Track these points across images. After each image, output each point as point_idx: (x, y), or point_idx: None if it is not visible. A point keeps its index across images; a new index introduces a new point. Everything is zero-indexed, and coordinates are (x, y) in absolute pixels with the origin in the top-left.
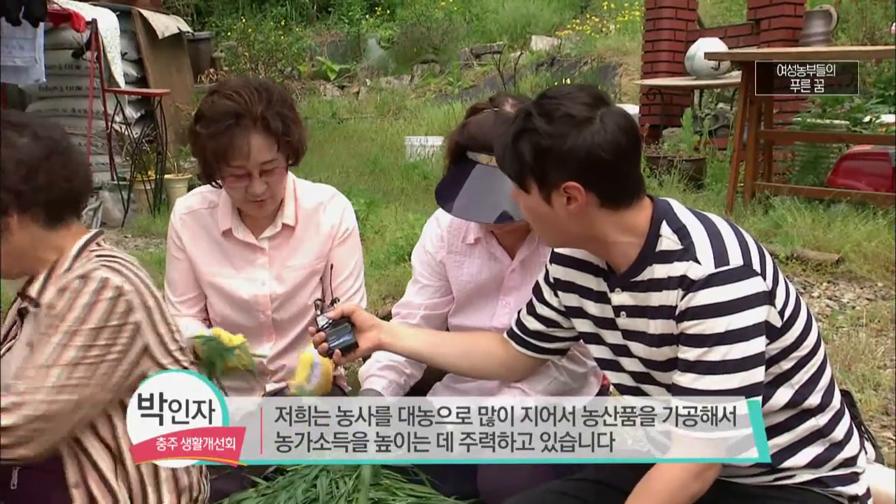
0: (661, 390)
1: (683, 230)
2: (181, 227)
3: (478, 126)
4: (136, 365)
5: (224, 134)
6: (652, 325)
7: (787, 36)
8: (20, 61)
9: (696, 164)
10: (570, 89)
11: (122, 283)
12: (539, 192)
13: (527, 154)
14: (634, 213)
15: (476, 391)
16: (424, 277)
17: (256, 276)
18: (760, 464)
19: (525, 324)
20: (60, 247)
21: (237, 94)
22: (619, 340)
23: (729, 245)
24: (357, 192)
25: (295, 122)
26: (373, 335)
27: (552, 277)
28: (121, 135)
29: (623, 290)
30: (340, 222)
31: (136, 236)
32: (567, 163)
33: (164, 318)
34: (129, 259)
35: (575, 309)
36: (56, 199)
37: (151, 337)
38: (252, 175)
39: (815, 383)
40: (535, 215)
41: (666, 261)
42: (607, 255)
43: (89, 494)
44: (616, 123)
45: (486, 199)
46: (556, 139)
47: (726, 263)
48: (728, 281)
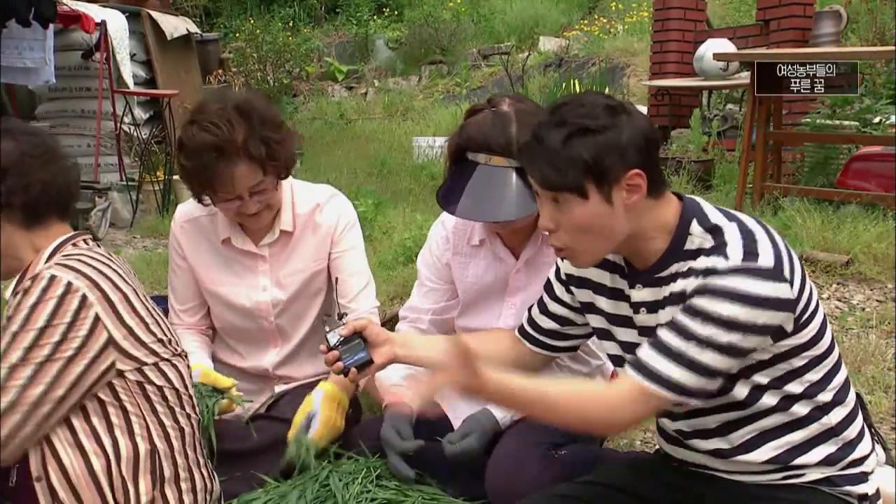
0: None
1: (717, 230)
2: (181, 234)
3: (476, 126)
4: (99, 359)
5: (207, 168)
6: (662, 316)
7: (796, 37)
8: (30, 62)
9: (705, 165)
10: (581, 94)
11: (72, 280)
12: (599, 192)
13: (584, 154)
14: (666, 206)
15: None
16: (431, 280)
17: (258, 283)
18: (770, 461)
19: (538, 323)
20: (39, 247)
21: (215, 126)
22: (634, 338)
23: (761, 245)
24: (365, 192)
25: (280, 141)
26: (386, 350)
27: (564, 274)
28: (129, 136)
29: (644, 287)
30: (338, 222)
31: (144, 237)
32: (627, 151)
33: (135, 311)
34: (101, 255)
35: (588, 304)
36: (33, 201)
37: (117, 330)
38: (242, 197)
39: (828, 381)
40: (591, 223)
41: (693, 258)
42: (634, 250)
43: (51, 489)
44: (637, 113)
45: (487, 198)
46: (610, 130)
47: (754, 260)
48: (749, 275)
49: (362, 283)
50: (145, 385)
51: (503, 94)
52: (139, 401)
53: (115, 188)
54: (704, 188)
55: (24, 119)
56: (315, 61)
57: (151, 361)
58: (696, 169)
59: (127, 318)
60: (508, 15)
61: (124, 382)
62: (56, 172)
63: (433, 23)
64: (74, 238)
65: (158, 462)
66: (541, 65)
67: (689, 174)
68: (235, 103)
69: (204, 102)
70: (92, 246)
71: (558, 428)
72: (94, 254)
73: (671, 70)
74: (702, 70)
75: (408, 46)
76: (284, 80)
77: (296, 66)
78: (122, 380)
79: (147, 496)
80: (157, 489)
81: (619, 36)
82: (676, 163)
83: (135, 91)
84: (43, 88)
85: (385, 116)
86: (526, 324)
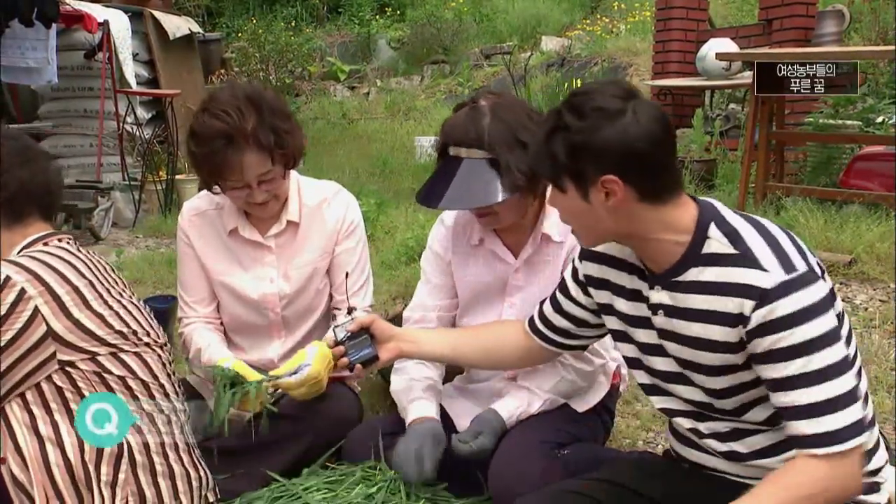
0: (695, 391)
1: (735, 234)
2: (189, 227)
3: (451, 122)
4: (36, 350)
5: (217, 154)
6: (694, 328)
7: (798, 36)
8: (33, 62)
9: (707, 165)
10: (599, 84)
11: (12, 274)
12: (576, 189)
13: (560, 152)
14: (676, 210)
15: (486, 391)
16: (435, 276)
17: (265, 275)
18: None
19: (552, 321)
20: (14, 245)
21: (226, 114)
22: (654, 340)
23: (788, 250)
24: (367, 192)
25: (288, 131)
26: (392, 346)
27: (582, 275)
28: (132, 135)
29: (663, 289)
30: (345, 217)
31: (147, 236)
32: (603, 156)
33: (87, 304)
34: (64, 252)
35: (606, 306)
36: (11, 198)
37: (59, 322)
38: (251, 185)
39: None
40: (574, 215)
41: (716, 264)
42: (646, 252)
43: (10, 472)
44: (649, 114)
45: (458, 188)
46: (589, 133)
47: (794, 269)
48: (802, 287)
49: (361, 281)
50: (103, 374)
51: (486, 91)
52: (99, 389)
53: (117, 188)
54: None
55: (27, 119)
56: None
57: (107, 352)
58: (699, 169)
59: (74, 312)
60: (510, 15)
61: (80, 372)
62: (36, 172)
63: (435, 22)
64: (48, 237)
65: (128, 450)
66: (543, 64)
67: (692, 174)
68: (246, 93)
69: (215, 92)
70: (64, 244)
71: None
72: (55, 250)
73: (673, 70)
74: (704, 70)
75: (410, 46)
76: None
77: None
78: (76, 369)
79: (108, 481)
80: (126, 475)
81: (621, 36)
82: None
83: (137, 91)
84: (45, 88)
85: (387, 116)
86: (538, 320)
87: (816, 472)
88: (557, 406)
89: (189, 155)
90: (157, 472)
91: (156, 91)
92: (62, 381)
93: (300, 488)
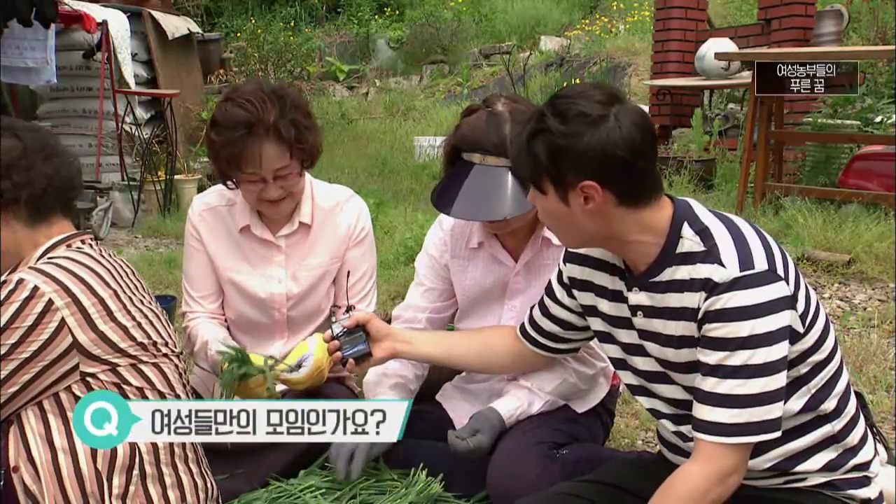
0: (676, 390)
1: (706, 232)
2: (199, 222)
3: (470, 126)
4: (60, 361)
5: (236, 143)
6: (670, 326)
7: (797, 36)
8: (32, 62)
9: (706, 165)
10: (584, 87)
11: (40, 284)
12: (556, 192)
13: (542, 155)
14: (653, 212)
15: (485, 392)
16: (429, 280)
17: (273, 274)
18: (773, 467)
19: (540, 325)
20: (38, 244)
21: (249, 103)
22: (635, 340)
23: (753, 248)
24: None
25: (309, 128)
26: (387, 345)
27: (566, 278)
28: (131, 135)
29: (641, 290)
30: (357, 223)
31: (146, 237)
32: (583, 162)
33: (112, 316)
34: (90, 257)
35: (590, 307)
36: (37, 196)
37: (84, 335)
38: (266, 180)
39: (830, 388)
40: (553, 216)
41: (688, 262)
42: (625, 254)
43: (22, 481)
44: (631, 121)
45: (482, 198)
46: (570, 138)
47: (751, 267)
48: (753, 285)
49: (367, 288)
50: (122, 386)
51: (499, 94)
52: None
53: (116, 188)
54: (706, 188)
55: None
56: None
57: (127, 363)
58: (698, 168)
59: (100, 324)
60: (510, 14)
61: (100, 382)
62: (59, 166)
63: (434, 22)
64: (71, 238)
65: (139, 461)
66: (542, 64)
67: (691, 174)
68: (271, 87)
69: (239, 84)
70: (87, 247)
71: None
72: (80, 256)
73: (672, 69)
74: (703, 69)
75: (409, 46)
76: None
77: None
78: (95, 380)
79: (119, 493)
80: (136, 486)
81: (620, 35)
82: (678, 162)
83: (136, 91)
84: (44, 88)
85: (386, 116)
86: (527, 324)
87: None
88: (557, 407)
89: (208, 144)
90: (166, 484)
91: (155, 91)
92: (81, 390)
93: (298, 489)
